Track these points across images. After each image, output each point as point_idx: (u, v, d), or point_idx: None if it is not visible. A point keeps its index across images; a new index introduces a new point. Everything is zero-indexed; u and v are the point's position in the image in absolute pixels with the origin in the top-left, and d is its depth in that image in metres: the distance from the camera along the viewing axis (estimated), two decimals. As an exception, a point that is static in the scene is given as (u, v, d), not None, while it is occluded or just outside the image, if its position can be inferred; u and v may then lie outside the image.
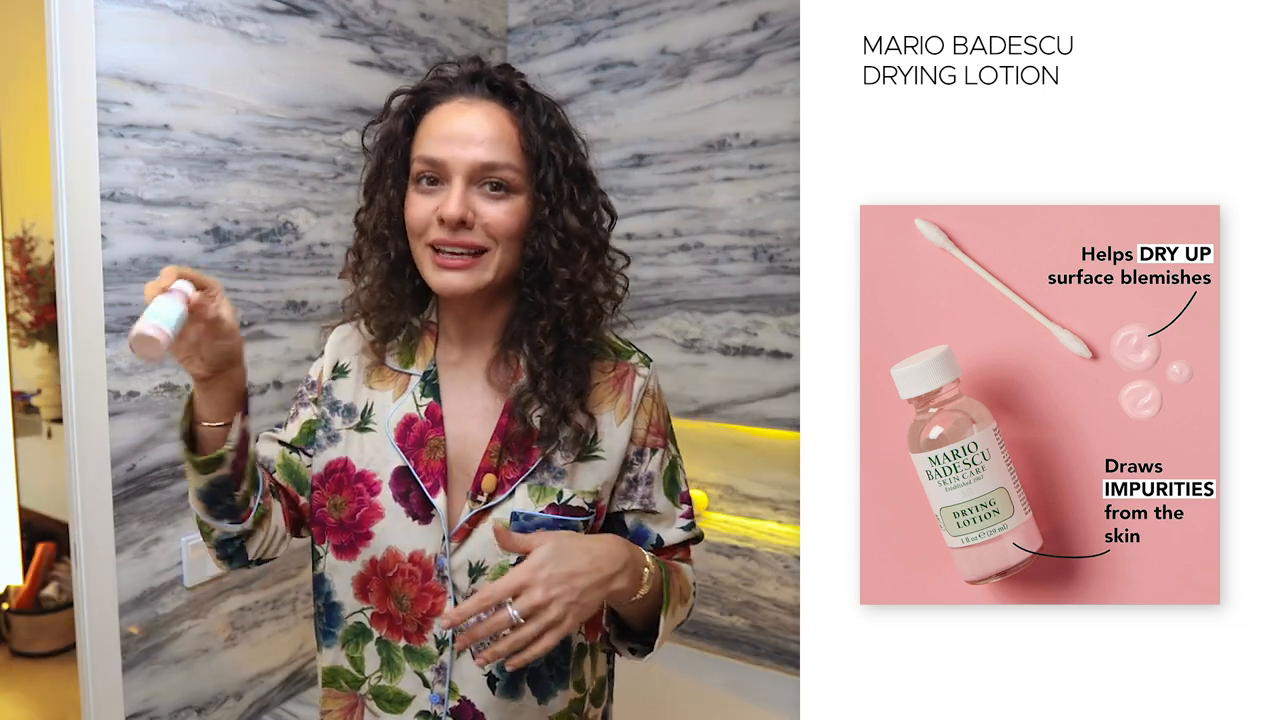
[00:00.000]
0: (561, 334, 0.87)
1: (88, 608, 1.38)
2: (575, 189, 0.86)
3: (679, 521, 0.96)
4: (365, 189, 0.91)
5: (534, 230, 0.85)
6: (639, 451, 0.93)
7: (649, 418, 0.93)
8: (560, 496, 0.88)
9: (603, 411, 0.91)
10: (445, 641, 0.88)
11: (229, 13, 1.50)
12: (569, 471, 0.88)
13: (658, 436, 0.94)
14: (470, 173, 0.82)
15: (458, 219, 0.81)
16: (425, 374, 0.91)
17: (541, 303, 0.87)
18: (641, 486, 0.93)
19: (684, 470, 0.99)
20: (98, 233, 1.34)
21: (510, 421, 0.88)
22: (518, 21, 2.20)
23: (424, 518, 0.87)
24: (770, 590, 1.89)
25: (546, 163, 0.84)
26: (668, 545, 0.96)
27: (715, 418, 1.99)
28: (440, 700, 0.88)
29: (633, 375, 0.93)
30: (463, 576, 0.87)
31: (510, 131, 0.84)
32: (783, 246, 1.88)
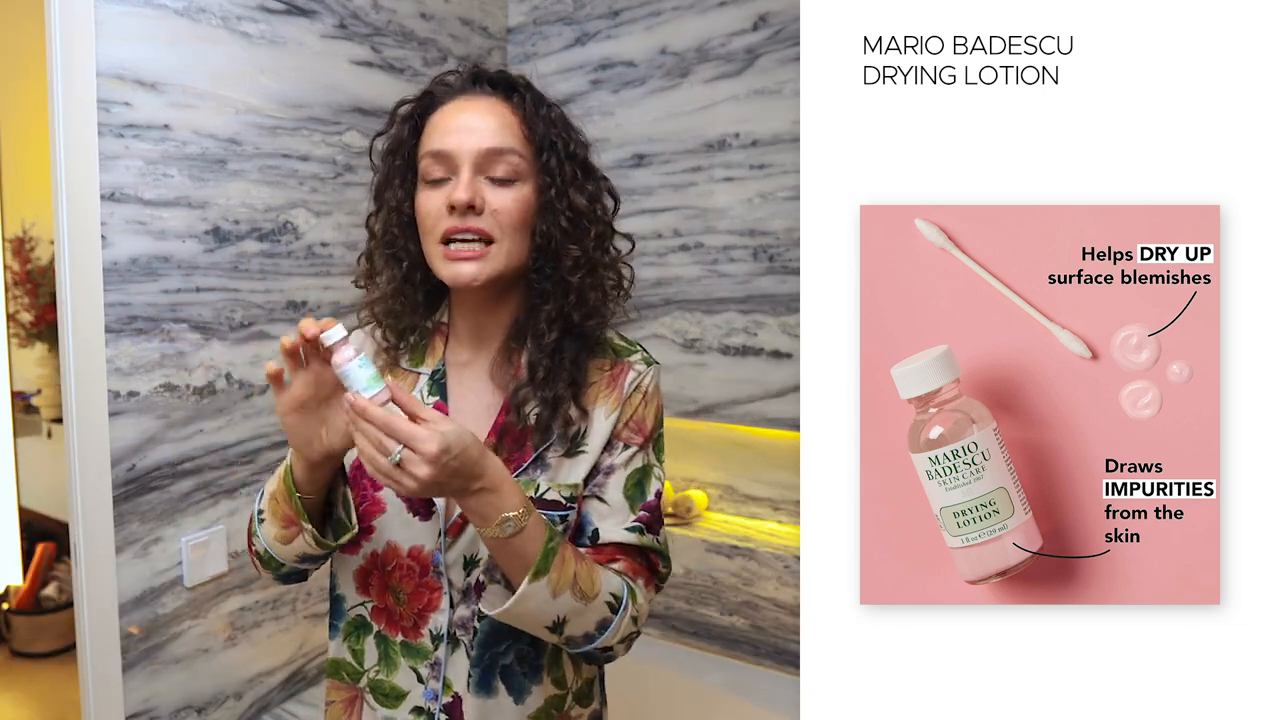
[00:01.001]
0: (566, 319, 0.88)
1: (88, 608, 1.38)
2: (579, 172, 0.88)
3: (627, 520, 0.89)
4: (375, 195, 0.92)
5: (542, 212, 0.86)
6: (610, 443, 0.90)
7: (633, 412, 0.91)
8: (537, 489, 0.86)
9: (596, 408, 0.90)
10: (440, 637, 0.88)
11: (229, 13, 1.50)
12: (553, 465, 0.88)
13: (636, 434, 0.91)
14: (477, 160, 0.84)
15: (467, 203, 0.82)
16: (434, 373, 0.92)
17: (549, 289, 0.87)
18: (600, 475, 0.90)
19: (660, 482, 0.93)
20: (98, 233, 1.34)
21: (506, 418, 0.88)
22: (518, 21, 2.20)
23: (424, 513, 0.88)
24: (770, 590, 1.89)
25: (549, 148, 0.86)
26: (604, 542, 0.88)
27: (715, 418, 1.99)
28: (434, 696, 0.89)
29: (626, 372, 0.92)
30: (458, 571, 0.88)
31: (512, 121, 0.86)
32: (783, 246, 1.88)
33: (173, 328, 1.47)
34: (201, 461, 1.53)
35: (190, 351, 1.50)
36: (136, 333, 1.41)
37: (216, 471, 1.56)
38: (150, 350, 1.43)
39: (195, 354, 1.50)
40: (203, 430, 1.53)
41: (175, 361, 1.47)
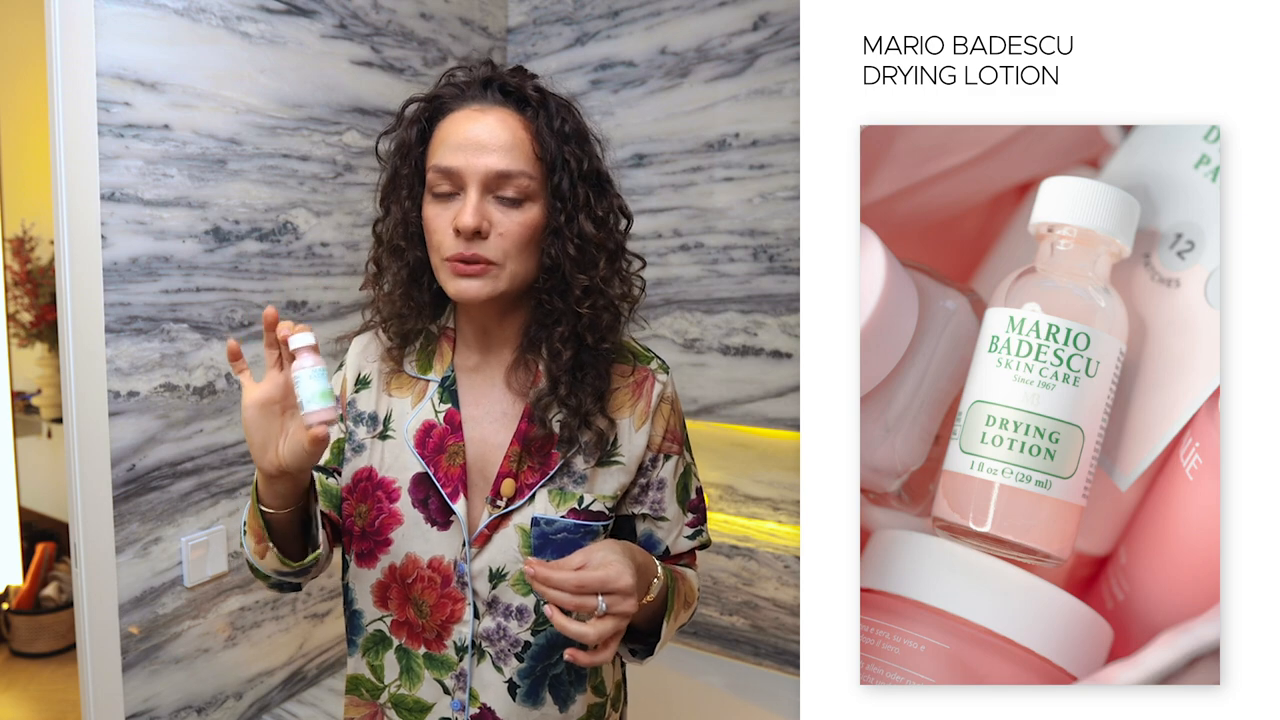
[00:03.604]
0: (579, 340, 0.87)
1: (88, 608, 1.38)
2: (591, 194, 0.85)
3: (686, 530, 0.96)
4: (382, 199, 0.90)
5: (550, 237, 0.84)
6: (654, 457, 0.93)
7: (666, 424, 0.93)
8: (581, 501, 0.88)
9: (622, 416, 0.90)
10: (465, 648, 0.87)
11: (229, 13, 1.50)
12: (589, 476, 0.88)
13: (673, 443, 0.94)
14: (485, 181, 0.81)
15: (473, 229, 0.80)
16: (444, 380, 0.90)
17: (559, 309, 0.86)
18: (653, 492, 0.93)
19: (697, 476, 0.98)
20: (98, 233, 1.34)
21: (530, 426, 0.87)
22: (518, 21, 2.20)
23: (443, 524, 0.87)
24: (770, 590, 1.89)
25: (561, 168, 0.83)
26: (675, 554, 0.96)
27: (715, 418, 1.99)
28: (461, 707, 0.88)
29: (652, 381, 0.93)
30: (483, 582, 0.87)
31: (524, 138, 0.83)
32: (783, 246, 1.88)
33: (173, 328, 1.47)
34: (201, 461, 1.53)
35: (190, 351, 1.50)
36: (136, 333, 1.41)
37: (216, 471, 1.56)
38: (150, 350, 1.43)
39: (195, 354, 1.51)
40: (203, 430, 1.53)
41: (175, 361, 1.47)
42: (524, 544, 0.86)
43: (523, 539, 0.86)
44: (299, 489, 0.79)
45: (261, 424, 0.74)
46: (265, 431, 0.74)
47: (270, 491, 0.78)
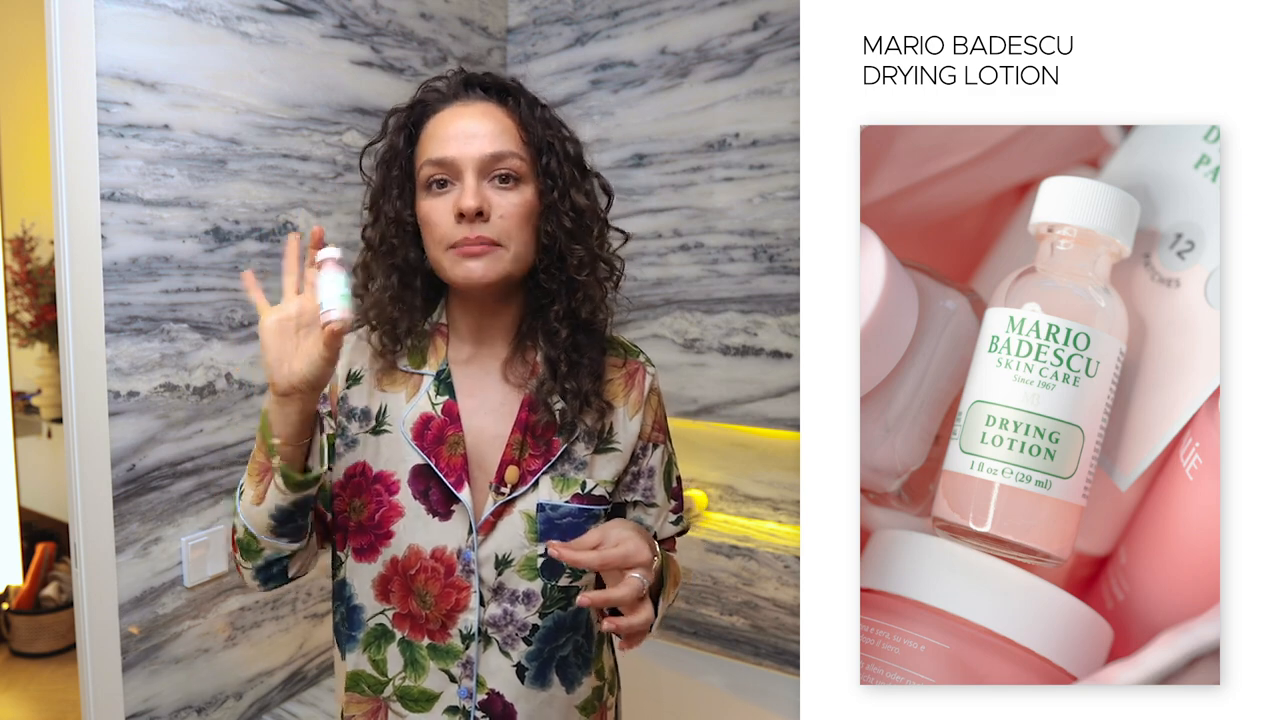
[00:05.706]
0: (574, 317, 0.90)
1: (88, 608, 1.38)
2: (576, 172, 0.90)
3: (670, 516, 1.00)
4: (370, 205, 0.92)
5: (546, 213, 0.88)
6: (644, 446, 0.97)
7: (654, 414, 0.98)
8: (584, 487, 0.90)
9: (616, 405, 0.94)
10: (471, 636, 0.88)
11: (229, 13, 1.50)
12: (589, 462, 0.92)
13: (659, 432, 0.98)
14: (480, 165, 0.84)
15: (475, 209, 0.83)
16: (439, 373, 0.91)
17: (555, 288, 0.89)
18: (644, 480, 0.97)
19: (678, 465, 1.02)
20: (98, 233, 1.34)
21: (530, 414, 0.90)
22: (518, 21, 2.20)
23: (444, 514, 0.88)
24: (770, 590, 1.89)
25: (547, 150, 0.87)
26: (660, 538, 0.99)
27: (715, 418, 1.99)
28: (469, 694, 0.89)
29: (642, 373, 0.98)
30: (489, 570, 0.88)
31: (509, 125, 0.87)
32: (783, 246, 1.88)
33: (173, 328, 1.47)
34: (201, 461, 1.53)
35: (190, 351, 1.50)
36: (136, 333, 1.41)
37: (216, 471, 1.56)
38: (150, 350, 1.43)
39: (195, 354, 1.50)
40: (203, 430, 1.53)
41: (175, 361, 1.47)
42: (529, 530, 0.88)
43: (528, 525, 0.88)
44: (307, 417, 0.81)
45: (277, 339, 0.79)
46: (280, 347, 0.78)
47: (280, 416, 0.80)
